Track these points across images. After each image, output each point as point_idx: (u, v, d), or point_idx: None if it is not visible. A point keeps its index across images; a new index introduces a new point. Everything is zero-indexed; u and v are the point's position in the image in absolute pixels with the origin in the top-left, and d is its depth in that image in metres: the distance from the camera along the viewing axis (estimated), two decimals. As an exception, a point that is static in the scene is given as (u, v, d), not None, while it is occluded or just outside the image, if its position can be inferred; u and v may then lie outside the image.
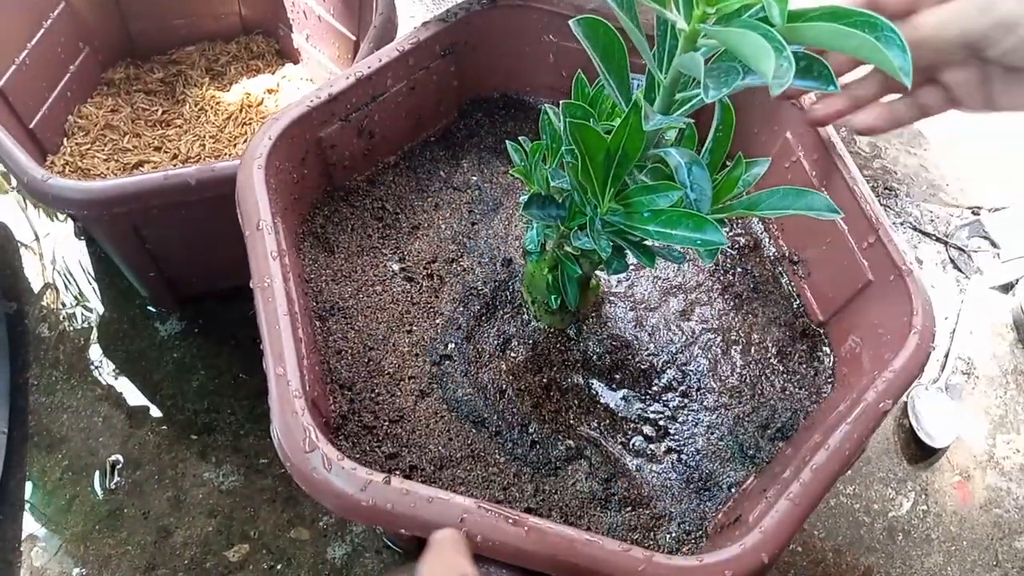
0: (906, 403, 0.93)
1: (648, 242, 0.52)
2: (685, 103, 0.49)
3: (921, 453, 0.91)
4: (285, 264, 0.59)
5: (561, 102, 0.53)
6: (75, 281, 0.96)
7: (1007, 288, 1.07)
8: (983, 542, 0.86)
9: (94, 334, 0.92)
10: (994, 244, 1.11)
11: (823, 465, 0.52)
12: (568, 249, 0.58)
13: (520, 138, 0.59)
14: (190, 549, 0.79)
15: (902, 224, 1.12)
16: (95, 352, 0.91)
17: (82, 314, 0.94)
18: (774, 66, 0.37)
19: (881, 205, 1.10)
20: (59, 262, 0.98)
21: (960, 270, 1.08)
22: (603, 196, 0.51)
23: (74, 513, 0.80)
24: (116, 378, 0.89)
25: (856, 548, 0.84)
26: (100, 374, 0.89)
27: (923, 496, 0.88)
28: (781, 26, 0.39)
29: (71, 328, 0.92)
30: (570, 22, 0.47)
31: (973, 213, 1.15)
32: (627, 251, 0.53)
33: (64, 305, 0.94)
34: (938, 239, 1.12)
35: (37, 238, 1.00)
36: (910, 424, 0.92)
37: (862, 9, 0.39)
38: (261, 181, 0.61)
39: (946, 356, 0.99)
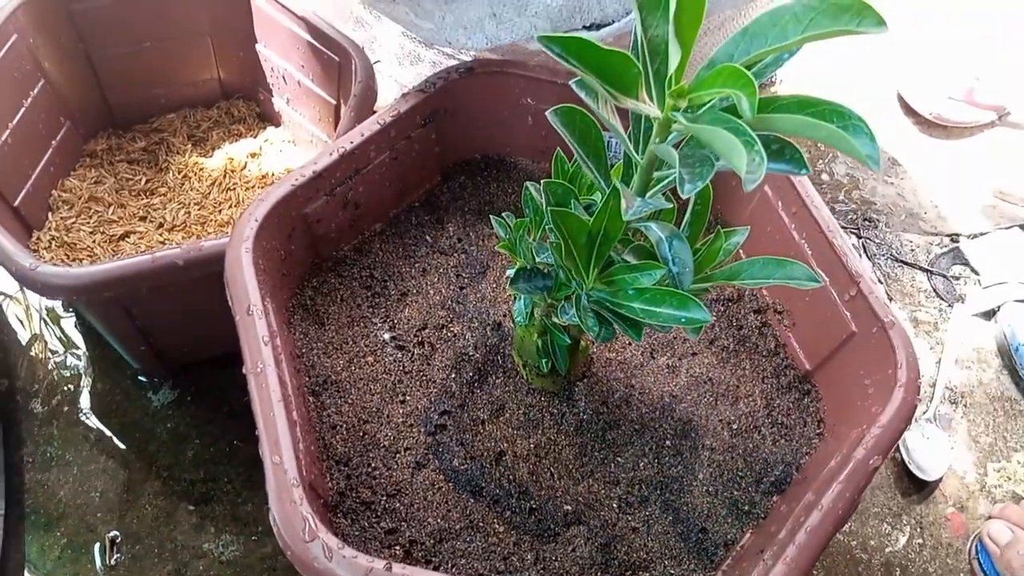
0: (897, 436, 0.94)
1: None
2: (662, 180, 0.50)
3: (914, 486, 0.92)
4: (277, 347, 0.60)
5: (542, 182, 0.54)
6: (66, 353, 0.96)
7: (989, 315, 1.08)
8: (980, 573, 0.87)
9: (87, 407, 0.92)
10: (975, 271, 1.13)
11: (817, 526, 0.53)
12: (556, 320, 0.59)
13: (504, 214, 0.59)
14: (192, 624, 0.79)
15: (883, 256, 1.14)
16: (89, 426, 0.91)
17: (74, 387, 0.94)
18: (746, 162, 0.38)
19: (862, 237, 1.12)
20: (49, 334, 0.98)
21: (943, 299, 1.10)
22: (587, 275, 0.52)
23: (74, 592, 0.80)
24: (111, 451, 0.89)
25: (855, 586, 0.84)
26: (95, 448, 0.89)
27: (918, 529, 0.89)
28: (751, 118, 0.40)
29: (63, 402, 0.92)
30: (547, 113, 0.48)
31: (952, 240, 1.17)
32: (613, 324, 0.54)
33: (55, 379, 0.94)
34: (919, 268, 1.13)
35: (23, 288, 1.01)
36: (902, 458, 0.93)
37: (829, 99, 0.41)
38: (249, 264, 0.62)
39: (933, 387, 1.01)
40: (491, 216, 0.61)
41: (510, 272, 0.57)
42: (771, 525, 0.61)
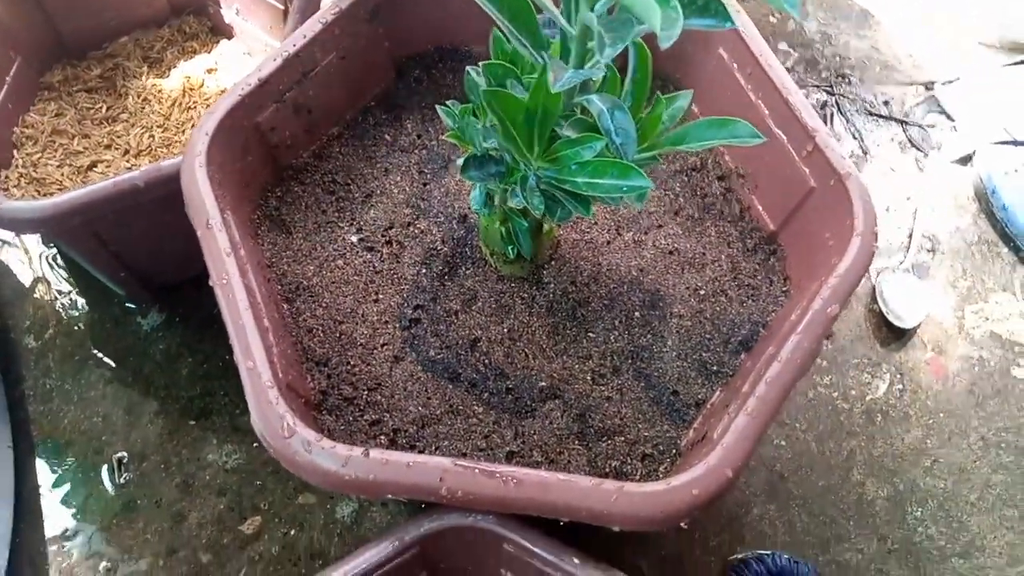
0: (874, 288, 0.96)
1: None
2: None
3: (893, 335, 0.94)
4: (241, 257, 0.61)
5: (481, 64, 0.53)
6: (54, 286, 0.98)
7: (966, 160, 1.08)
8: (959, 411, 0.89)
9: (80, 337, 0.94)
10: (950, 117, 1.12)
11: (776, 377, 0.55)
12: (511, 204, 0.60)
13: (449, 101, 0.59)
14: (206, 529, 0.83)
15: (857, 111, 1.13)
16: (84, 355, 0.93)
17: (65, 319, 0.95)
18: (660, 19, 0.37)
19: (835, 93, 1.11)
20: (35, 269, 0.99)
21: (919, 148, 1.09)
22: (531, 154, 0.52)
23: (90, 511, 0.84)
24: (108, 377, 0.91)
25: (837, 434, 0.87)
26: (92, 375, 0.92)
27: (898, 376, 0.92)
28: (667, -26, 0.39)
29: (57, 335, 0.94)
30: (470, -9, 0.47)
31: (927, 89, 1.16)
32: (564, 202, 0.55)
33: (46, 314, 0.96)
34: (895, 120, 1.12)
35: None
36: (880, 308, 0.94)
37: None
38: (204, 179, 0.62)
39: (910, 237, 1.01)
40: (437, 107, 0.60)
41: (459, 161, 0.57)
42: (737, 381, 0.63)
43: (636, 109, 0.54)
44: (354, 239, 0.73)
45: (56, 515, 0.84)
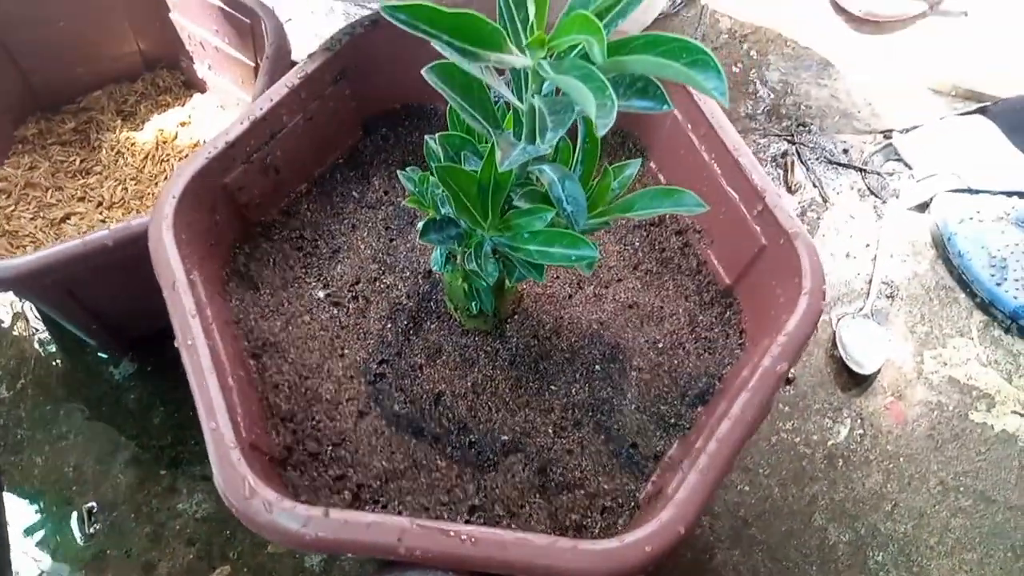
0: (834, 334, 0.98)
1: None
2: (549, 124, 0.52)
3: (853, 380, 0.96)
4: (207, 317, 0.62)
5: (438, 135, 0.55)
6: (27, 336, 0.98)
7: (923, 207, 1.11)
8: (918, 456, 0.91)
9: (52, 387, 0.95)
10: (907, 165, 1.15)
11: (727, 435, 0.57)
12: (468, 268, 0.62)
13: (409, 168, 0.61)
14: (175, 580, 0.83)
15: (818, 159, 1.16)
16: (56, 405, 0.93)
17: (37, 368, 0.96)
18: (595, 107, 0.40)
19: (795, 143, 1.14)
20: (10, 318, 1.00)
21: (877, 196, 1.12)
22: (485, 223, 0.54)
23: (59, 562, 0.84)
24: (80, 426, 0.92)
25: (800, 479, 0.89)
26: (64, 426, 0.92)
27: (859, 421, 0.94)
28: (603, 63, 0.41)
29: (28, 385, 0.95)
30: (423, 72, 0.49)
31: (885, 137, 1.19)
32: (518, 267, 0.57)
33: (19, 363, 0.96)
34: (854, 168, 1.15)
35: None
36: (840, 355, 0.96)
37: (677, 36, 0.42)
38: (171, 241, 0.64)
39: (870, 283, 1.04)
40: (398, 172, 0.62)
41: (420, 225, 0.59)
42: (693, 435, 0.65)
43: (587, 177, 0.57)
44: (321, 294, 0.74)
45: (26, 566, 0.84)
